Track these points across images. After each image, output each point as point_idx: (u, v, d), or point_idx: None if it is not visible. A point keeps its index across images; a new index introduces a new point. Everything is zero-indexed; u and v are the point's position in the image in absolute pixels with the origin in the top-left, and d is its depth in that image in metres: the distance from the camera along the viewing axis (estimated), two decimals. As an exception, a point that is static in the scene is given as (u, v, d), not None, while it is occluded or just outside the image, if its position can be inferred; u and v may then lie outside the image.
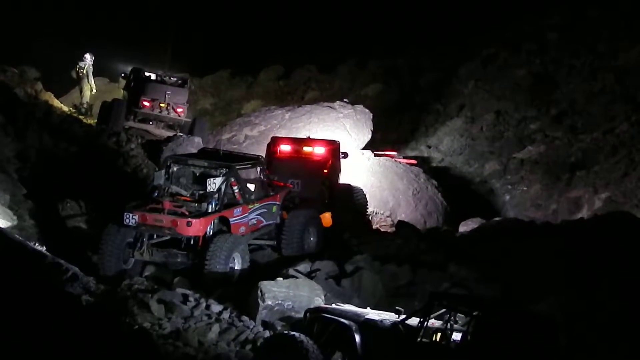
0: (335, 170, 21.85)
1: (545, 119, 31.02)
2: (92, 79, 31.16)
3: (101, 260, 15.12)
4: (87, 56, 30.93)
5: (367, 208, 23.25)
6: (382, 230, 23.26)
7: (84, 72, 30.79)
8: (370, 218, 24.40)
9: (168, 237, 15.35)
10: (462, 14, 41.83)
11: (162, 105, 27.53)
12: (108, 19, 44.53)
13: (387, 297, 14.46)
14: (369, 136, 28.59)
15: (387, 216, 25.90)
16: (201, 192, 15.57)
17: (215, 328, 12.40)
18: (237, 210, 15.77)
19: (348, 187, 22.18)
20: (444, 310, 10.10)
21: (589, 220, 19.82)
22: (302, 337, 10.20)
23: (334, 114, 28.11)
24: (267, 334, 12.44)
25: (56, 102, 30.31)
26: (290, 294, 13.40)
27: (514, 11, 38.49)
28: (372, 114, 28.93)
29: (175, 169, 15.98)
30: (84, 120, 27.42)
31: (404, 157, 29.70)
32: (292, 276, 14.45)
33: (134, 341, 10.48)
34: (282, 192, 17.74)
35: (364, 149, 28.16)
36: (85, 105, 30.66)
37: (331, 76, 44.84)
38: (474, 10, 41.02)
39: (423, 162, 29.38)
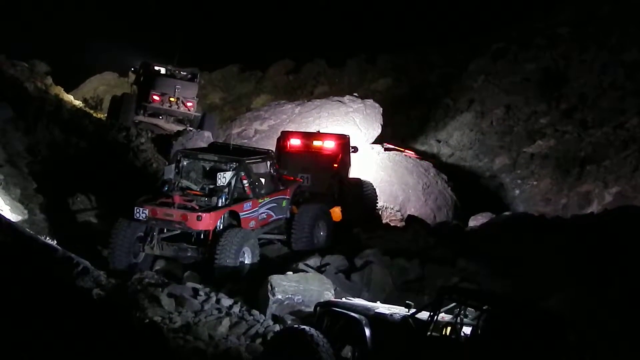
0: (345, 164, 21.79)
1: (556, 113, 30.89)
2: None
3: (112, 254, 15.15)
4: None
5: (377, 202, 23.19)
6: (391, 224, 23.25)
7: None
8: (380, 212, 24.35)
9: (178, 231, 15.37)
10: (472, 10, 41.82)
11: (171, 99, 27.55)
12: (118, 12, 44.66)
13: (397, 291, 14.46)
14: (379, 130, 28.53)
15: (397, 211, 25.87)
16: (211, 186, 15.59)
17: (226, 322, 12.43)
18: (247, 205, 15.78)
19: (358, 182, 22.11)
20: (454, 304, 10.08)
21: (599, 215, 19.72)
22: (312, 331, 10.19)
23: (343, 108, 28.07)
24: (277, 327, 12.46)
25: (66, 96, 30.40)
26: (300, 288, 13.41)
27: (524, 7, 38.43)
28: (381, 108, 28.86)
29: (185, 163, 15.99)
30: (94, 115, 27.49)
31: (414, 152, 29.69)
32: (302, 270, 14.46)
33: (145, 335, 10.48)
34: (292, 186, 17.75)
35: (373, 143, 28.11)
36: None
37: (341, 71, 44.82)
38: (484, 6, 41.02)
39: (432, 157, 29.28)
